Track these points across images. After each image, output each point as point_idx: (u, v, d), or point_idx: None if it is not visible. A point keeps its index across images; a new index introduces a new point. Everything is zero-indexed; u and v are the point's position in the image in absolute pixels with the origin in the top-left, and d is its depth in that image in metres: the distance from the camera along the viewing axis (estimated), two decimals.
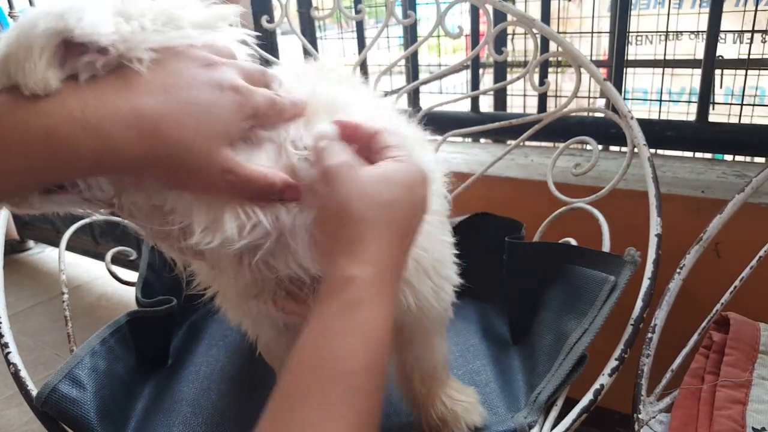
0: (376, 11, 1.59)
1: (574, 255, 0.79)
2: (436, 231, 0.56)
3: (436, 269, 0.55)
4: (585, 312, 0.71)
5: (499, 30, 0.97)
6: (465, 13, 1.47)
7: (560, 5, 1.49)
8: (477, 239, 0.68)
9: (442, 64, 1.50)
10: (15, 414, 1.50)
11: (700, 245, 0.79)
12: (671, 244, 0.81)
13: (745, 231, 0.86)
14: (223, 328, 0.93)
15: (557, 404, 0.69)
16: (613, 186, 0.88)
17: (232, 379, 0.82)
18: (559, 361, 0.70)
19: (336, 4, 1.06)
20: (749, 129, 1.10)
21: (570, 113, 0.96)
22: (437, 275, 0.56)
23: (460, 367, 0.82)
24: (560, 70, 1.45)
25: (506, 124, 1.03)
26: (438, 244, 0.56)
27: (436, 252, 0.55)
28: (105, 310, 1.93)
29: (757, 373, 0.68)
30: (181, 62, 0.40)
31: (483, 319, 0.93)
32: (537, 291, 0.82)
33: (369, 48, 1.14)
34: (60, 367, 0.68)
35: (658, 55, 1.21)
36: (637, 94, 1.38)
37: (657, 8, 1.48)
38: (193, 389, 0.80)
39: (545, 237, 0.92)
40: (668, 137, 1.13)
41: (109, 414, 0.68)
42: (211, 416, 0.75)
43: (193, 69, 0.40)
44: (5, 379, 0.86)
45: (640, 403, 0.72)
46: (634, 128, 0.85)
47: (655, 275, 0.75)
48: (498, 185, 1.14)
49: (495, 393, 0.76)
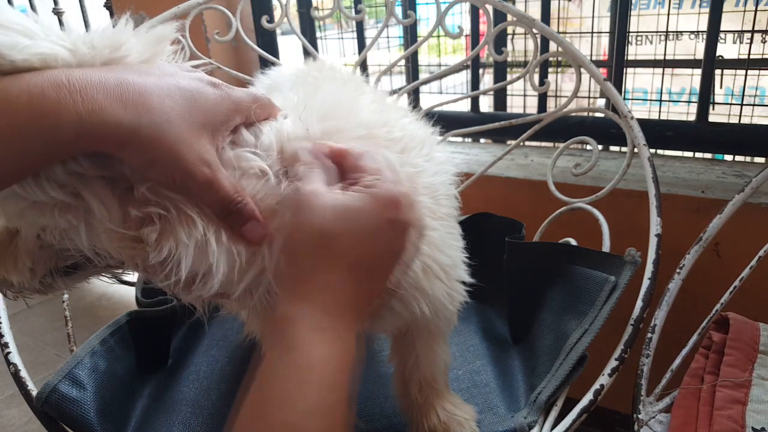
0: (376, 11, 1.59)
1: (574, 255, 0.79)
2: (447, 235, 0.55)
3: (447, 272, 0.54)
4: (585, 312, 0.71)
5: (499, 30, 0.97)
6: (465, 13, 1.47)
7: (560, 5, 1.50)
8: (477, 239, 0.68)
9: (442, 64, 1.50)
10: (15, 414, 1.50)
11: (699, 245, 0.79)
12: (671, 244, 0.81)
13: (745, 231, 0.86)
14: (224, 328, 0.93)
15: (557, 404, 0.69)
16: (613, 186, 0.88)
17: (232, 379, 0.82)
18: (559, 361, 0.70)
19: (336, 4, 1.06)
20: (749, 129, 1.10)
21: (570, 113, 0.96)
22: (449, 277, 0.55)
23: (460, 367, 0.82)
24: (560, 70, 1.45)
25: (506, 124, 1.03)
26: (448, 248, 0.55)
27: (447, 255, 0.54)
28: (105, 310, 1.93)
29: (757, 373, 0.68)
30: (163, 63, 0.42)
31: (483, 319, 0.93)
32: (537, 291, 0.82)
33: (369, 48, 1.14)
34: (60, 367, 0.68)
35: (658, 55, 1.21)
36: (637, 94, 1.38)
37: (657, 8, 1.48)
38: (193, 389, 0.80)
39: (545, 237, 0.92)
40: (668, 137, 1.13)
41: (109, 414, 0.68)
42: (211, 416, 0.75)
43: (175, 67, 0.42)
44: (5, 379, 0.86)
45: (639, 403, 0.72)
46: (634, 128, 0.85)
47: (655, 275, 0.75)
48: (498, 185, 1.14)
49: (495, 393, 0.76)
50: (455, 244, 0.58)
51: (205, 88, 0.41)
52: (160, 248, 0.41)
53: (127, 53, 0.40)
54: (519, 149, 1.27)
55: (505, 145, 1.34)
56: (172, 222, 0.41)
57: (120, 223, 0.41)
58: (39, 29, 0.37)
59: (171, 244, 0.41)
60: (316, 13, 1.18)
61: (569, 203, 0.90)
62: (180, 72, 0.42)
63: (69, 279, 0.44)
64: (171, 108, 0.38)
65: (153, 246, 0.41)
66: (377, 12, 1.59)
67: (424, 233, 0.46)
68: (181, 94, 0.39)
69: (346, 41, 1.51)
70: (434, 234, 0.51)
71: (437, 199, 0.54)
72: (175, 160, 0.38)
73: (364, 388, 0.77)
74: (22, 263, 0.46)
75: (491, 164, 1.03)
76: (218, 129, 0.42)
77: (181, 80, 0.40)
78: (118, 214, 0.41)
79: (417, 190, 0.50)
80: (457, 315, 0.63)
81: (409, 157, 0.53)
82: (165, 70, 0.41)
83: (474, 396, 0.76)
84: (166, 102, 0.38)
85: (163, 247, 0.41)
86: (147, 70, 0.39)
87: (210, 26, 1.37)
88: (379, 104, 0.57)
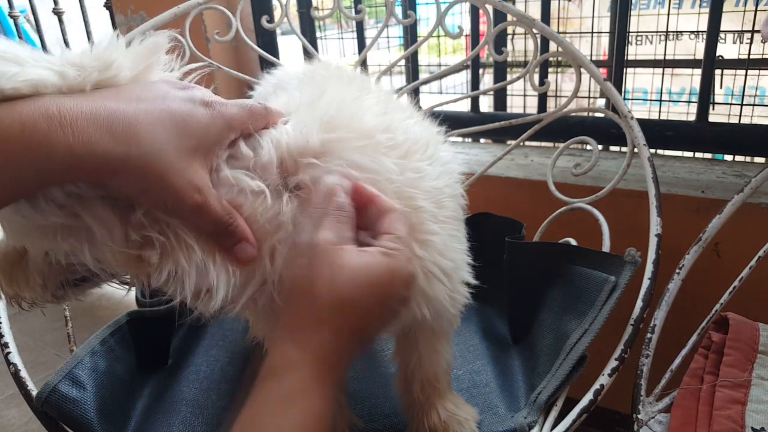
0: (376, 11, 1.59)
1: (574, 255, 0.79)
2: (449, 238, 0.55)
3: (449, 275, 0.54)
4: (585, 312, 0.71)
5: (499, 30, 0.97)
6: (465, 13, 1.47)
7: (560, 5, 1.50)
8: (477, 239, 0.68)
9: (442, 64, 1.50)
10: (15, 414, 1.50)
11: (699, 246, 0.79)
12: (671, 244, 0.81)
13: (746, 231, 0.86)
14: (224, 328, 0.93)
15: (557, 404, 0.69)
16: (613, 186, 0.88)
17: (232, 379, 0.82)
18: (559, 361, 0.70)
19: (336, 4, 1.06)
20: (749, 129, 1.10)
21: (570, 113, 0.96)
22: (451, 280, 0.54)
23: (460, 367, 0.82)
24: (560, 70, 1.45)
25: (506, 124, 1.03)
26: (451, 251, 0.55)
27: (449, 259, 0.54)
28: (105, 310, 1.93)
29: (756, 373, 0.68)
30: (156, 83, 0.42)
31: (483, 319, 0.93)
32: (537, 291, 0.82)
33: (369, 48, 1.14)
34: (60, 367, 0.68)
35: (658, 55, 1.21)
36: (637, 94, 1.38)
37: (657, 8, 1.48)
38: (193, 389, 0.80)
39: (545, 237, 0.92)
40: (668, 137, 1.13)
41: (109, 414, 0.68)
42: (211, 416, 0.75)
43: (167, 87, 0.42)
44: (5, 379, 0.86)
45: (639, 403, 0.72)
46: (634, 128, 0.85)
47: (655, 275, 0.75)
48: (498, 185, 1.14)
49: (495, 393, 0.76)
50: (458, 246, 0.57)
51: (196, 109, 0.41)
52: (161, 269, 0.42)
53: (118, 72, 0.40)
54: (519, 149, 1.27)
55: (505, 145, 1.34)
56: (172, 246, 0.42)
57: (123, 242, 0.42)
58: (27, 54, 0.37)
59: (171, 266, 0.43)
60: (316, 13, 1.18)
61: (569, 203, 0.90)
62: (172, 92, 0.41)
63: (79, 289, 0.45)
64: (161, 135, 0.38)
65: (155, 267, 0.42)
66: (377, 12, 1.60)
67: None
68: (171, 119, 0.39)
69: (346, 41, 1.51)
70: (435, 238, 0.51)
71: (440, 202, 0.54)
72: (166, 188, 0.39)
73: (364, 388, 0.77)
74: (33, 280, 0.48)
75: (491, 164, 1.03)
76: (211, 149, 0.42)
77: (173, 103, 0.40)
78: (121, 233, 0.42)
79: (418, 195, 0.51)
80: (459, 316, 0.63)
81: (412, 161, 0.52)
82: (157, 93, 0.41)
83: (474, 396, 0.76)
84: (157, 130, 0.38)
85: (164, 269, 0.42)
86: (138, 96, 0.39)
87: (210, 26, 1.37)
88: (384, 105, 0.57)
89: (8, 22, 2.04)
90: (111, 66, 0.40)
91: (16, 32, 1.85)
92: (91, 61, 0.39)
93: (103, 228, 0.41)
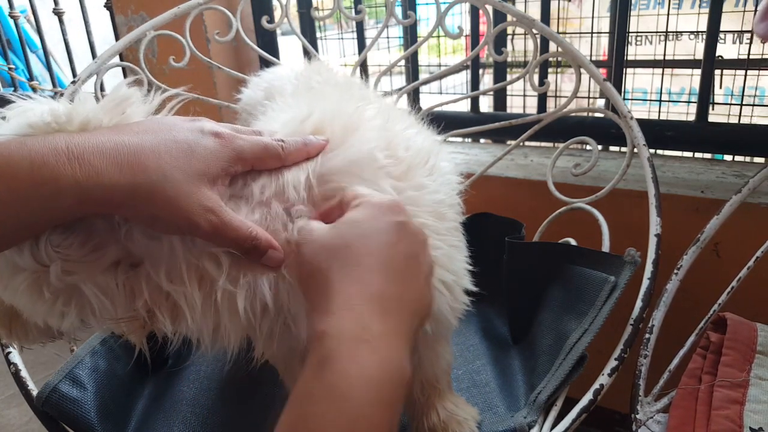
0: (376, 11, 1.59)
1: (574, 255, 0.79)
2: (450, 249, 0.54)
3: (451, 288, 0.54)
4: (585, 312, 0.71)
5: (499, 30, 0.97)
6: (465, 13, 1.47)
7: (560, 5, 1.50)
8: (477, 239, 0.68)
9: (442, 64, 1.50)
10: (15, 414, 1.50)
11: (697, 246, 0.79)
12: (671, 244, 0.81)
13: (745, 231, 0.86)
14: None
15: (557, 404, 0.69)
16: (612, 186, 0.88)
17: (232, 379, 0.82)
18: (559, 361, 0.70)
19: (336, 4, 1.06)
20: (749, 129, 1.10)
21: (570, 113, 0.96)
22: (453, 292, 0.54)
23: (460, 367, 0.82)
24: (560, 70, 1.45)
25: (506, 124, 1.03)
26: (453, 263, 0.54)
27: (451, 272, 0.54)
28: None
29: (755, 373, 0.68)
30: (164, 117, 0.43)
31: (483, 319, 0.93)
32: (537, 291, 0.82)
33: (369, 48, 1.14)
34: (60, 367, 0.68)
35: (657, 55, 1.21)
36: (637, 94, 1.38)
37: (657, 8, 1.49)
38: (193, 389, 0.80)
39: (545, 237, 0.92)
40: (668, 137, 1.13)
41: (109, 414, 0.69)
42: (211, 416, 0.75)
43: (175, 119, 0.43)
44: (5, 379, 0.86)
45: (637, 403, 0.72)
46: (634, 128, 0.85)
47: (655, 275, 0.75)
48: (498, 185, 1.14)
49: (495, 393, 0.76)
50: (459, 257, 0.57)
51: (203, 138, 0.42)
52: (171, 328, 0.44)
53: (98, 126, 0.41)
54: (519, 149, 1.27)
55: (505, 145, 1.34)
56: (179, 309, 0.43)
57: (126, 307, 0.43)
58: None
59: (181, 326, 0.44)
60: (316, 13, 1.18)
61: (569, 203, 0.90)
62: (180, 124, 0.42)
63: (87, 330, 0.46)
64: (167, 163, 0.39)
65: (164, 324, 0.44)
66: (377, 12, 1.60)
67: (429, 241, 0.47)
68: (177, 147, 0.40)
69: (346, 41, 1.51)
70: (438, 253, 0.51)
71: (441, 214, 0.53)
72: (176, 213, 0.39)
73: None
74: (32, 335, 0.49)
75: (491, 164, 1.04)
76: (218, 176, 0.42)
77: (179, 133, 0.41)
78: (123, 299, 0.42)
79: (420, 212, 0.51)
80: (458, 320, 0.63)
81: (414, 176, 0.52)
82: (164, 125, 0.41)
83: (474, 396, 0.76)
84: (162, 158, 0.39)
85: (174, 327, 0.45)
86: (145, 128, 0.40)
87: (210, 26, 1.37)
88: (384, 117, 0.56)
89: (8, 22, 2.04)
90: (88, 125, 0.40)
91: (16, 32, 1.85)
92: (67, 125, 0.39)
93: (106, 300, 0.42)
